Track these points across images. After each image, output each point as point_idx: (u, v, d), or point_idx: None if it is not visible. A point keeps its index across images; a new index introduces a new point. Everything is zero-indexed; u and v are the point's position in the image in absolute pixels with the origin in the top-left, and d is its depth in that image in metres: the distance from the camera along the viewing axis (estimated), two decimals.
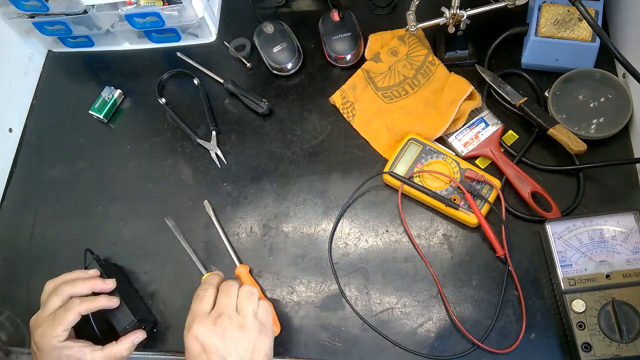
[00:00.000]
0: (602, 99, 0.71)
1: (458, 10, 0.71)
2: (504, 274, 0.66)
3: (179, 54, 0.89)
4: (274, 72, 0.84)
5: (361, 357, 0.66)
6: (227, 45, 0.88)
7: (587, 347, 0.59)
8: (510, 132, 0.75)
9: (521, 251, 0.68)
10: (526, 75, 0.77)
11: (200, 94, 0.85)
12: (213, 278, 0.63)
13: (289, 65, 0.83)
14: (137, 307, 0.69)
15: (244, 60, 0.86)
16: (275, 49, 0.83)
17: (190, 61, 0.88)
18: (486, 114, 0.75)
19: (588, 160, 0.70)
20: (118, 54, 0.93)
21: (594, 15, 0.70)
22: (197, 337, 0.55)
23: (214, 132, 0.82)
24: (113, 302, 0.65)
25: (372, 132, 0.78)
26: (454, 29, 0.74)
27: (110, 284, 0.67)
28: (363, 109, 0.79)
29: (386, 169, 0.73)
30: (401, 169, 0.72)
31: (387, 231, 0.72)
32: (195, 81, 0.86)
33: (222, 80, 0.84)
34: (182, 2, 0.80)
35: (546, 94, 0.73)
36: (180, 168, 0.81)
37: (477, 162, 0.74)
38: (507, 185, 0.71)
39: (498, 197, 0.69)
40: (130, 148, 0.84)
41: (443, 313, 0.66)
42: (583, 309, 0.60)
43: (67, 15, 0.83)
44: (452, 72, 0.76)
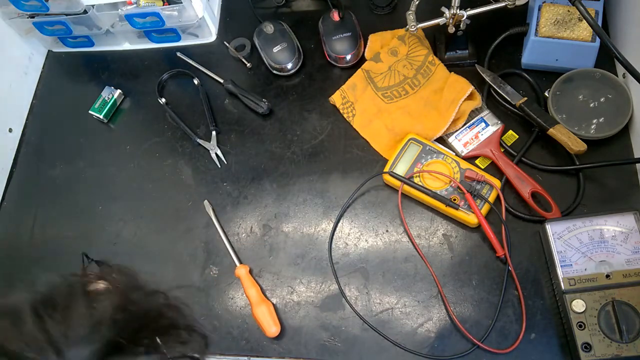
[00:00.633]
0: (602, 99, 0.71)
1: (458, 10, 0.71)
2: (504, 274, 0.66)
3: (179, 54, 0.89)
4: (274, 72, 0.84)
5: (361, 357, 0.66)
6: (227, 45, 0.88)
7: (587, 347, 0.59)
8: (510, 132, 0.75)
9: (521, 251, 0.68)
10: (526, 75, 0.77)
11: (200, 94, 0.85)
12: None
13: (289, 65, 0.83)
14: None
15: (244, 60, 0.86)
16: (275, 49, 0.83)
17: (190, 61, 0.88)
18: (486, 114, 0.75)
19: (588, 160, 0.70)
20: (118, 54, 0.93)
21: (594, 15, 0.70)
22: None
23: (214, 132, 0.82)
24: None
25: (372, 132, 0.78)
26: (454, 29, 0.74)
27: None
28: (363, 109, 0.79)
29: (386, 169, 0.73)
30: (401, 169, 0.72)
31: (387, 231, 0.72)
32: (195, 81, 0.86)
33: (222, 80, 0.84)
34: (182, 2, 0.80)
35: (546, 94, 0.73)
36: (180, 168, 0.81)
37: (477, 162, 0.74)
38: (507, 185, 0.71)
39: (498, 197, 0.69)
40: (130, 148, 0.84)
41: (443, 313, 0.66)
42: (583, 309, 0.60)
43: (67, 15, 0.83)
44: (452, 72, 0.76)
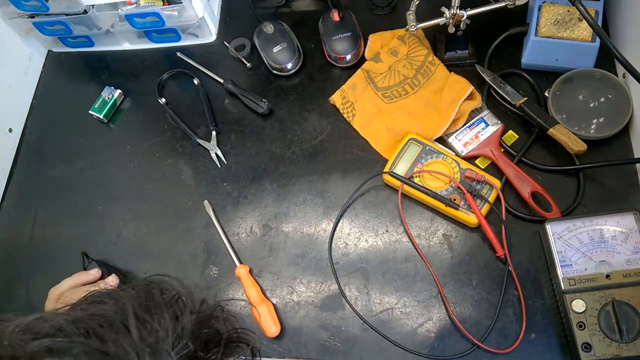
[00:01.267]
0: (602, 99, 0.71)
1: (458, 10, 0.71)
2: (504, 274, 0.66)
3: (179, 54, 0.89)
4: (274, 72, 0.84)
5: (361, 357, 0.66)
6: (227, 45, 0.88)
7: (587, 347, 0.59)
8: (510, 132, 0.75)
9: (521, 251, 0.68)
10: (526, 75, 0.77)
11: (200, 94, 0.84)
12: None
13: (289, 65, 0.83)
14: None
15: (244, 60, 0.86)
16: (275, 49, 0.83)
17: (190, 61, 0.88)
18: (486, 114, 0.75)
19: (588, 160, 0.70)
20: (118, 54, 0.93)
21: (594, 15, 0.70)
22: None
23: (214, 132, 0.82)
24: (112, 283, 0.67)
25: (372, 132, 0.78)
26: (454, 29, 0.74)
27: (114, 280, 0.68)
28: (363, 109, 0.79)
29: (386, 169, 0.73)
30: (401, 169, 0.72)
31: (387, 231, 0.72)
32: (195, 81, 0.86)
33: (222, 80, 0.84)
34: (182, 2, 0.80)
35: (546, 94, 0.73)
36: (180, 168, 0.81)
37: (477, 162, 0.74)
38: (507, 185, 0.71)
39: (498, 197, 0.69)
40: (130, 148, 0.84)
41: (443, 313, 0.66)
42: (583, 309, 0.60)
43: (67, 15, 0.83)
44: (452, 72, 0.76)
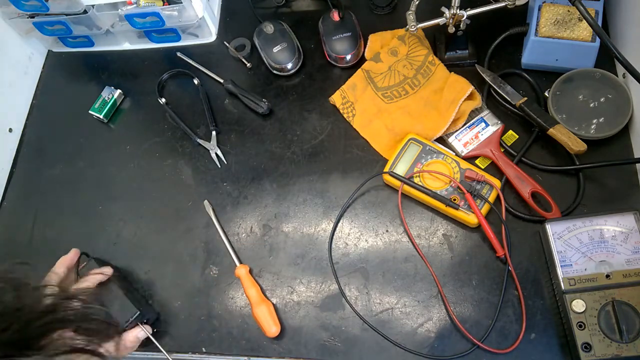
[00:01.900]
0: (602, 99, 0.71)
1: (458, 10, 0.71)
2: (504, 274, 0.66)
3: (179, 54, 0.89)
4: (274, 72, 0.84)
5: (361, 357, 0.66)
6: (227, 45, 0.88)
7: (587, 347, 0.59)
8: (510, 132, 0.75)
9: (521, 251, 0.68)
10: (526, 75, 0.77)
11: (200, 94, 0.84)
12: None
13: (289, 65, 0.83)
14: (138, 302, 0.69)
15: (244, 60, 0.86)
16: (275, 49, 0.83)
17: (190, 61, 0.88)
18: (486, 114, 0.75)
19: (588, 160, 0.70)
20: (118, 54, 0.93)
21: (594, 15, 0.70)
22: None
23: (214, 132, 0.82)
24: (106, 271, 0.68)
25: (372, 132, 0.78)
26: (454, 29, 0.74)
27: (109, 270, 0.68)
28: (363, 109, 0.79)
29: (386, 169, 0.73)
30: (401, 169, 0.72)
31: (387, 231, 0.72)
32: (195, 81, 0.86)
33: (222, 80, 0.84)
34: (182, 2, 0.80)
35: (546, 94, 0.73)
36: (180, 168, 0.81)
37: (477, 162, 0.74)
38: (507, 185, 0.71)
39: (498, 197, 0.69)
40: (130, 148, 0.84)
41: (443, 313, 0.66)
42: (583, 309, 0.60)
43: (67, 15, 0.83)
44: (452, 72, 0.76)
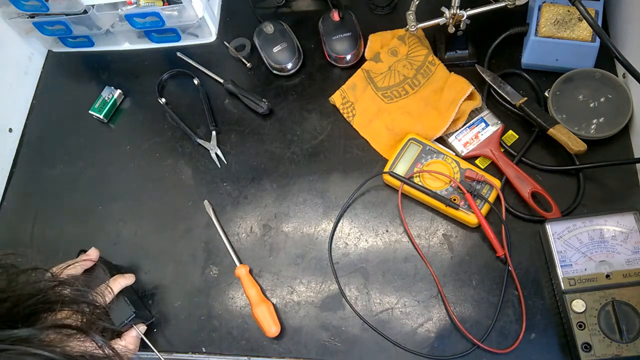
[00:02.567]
0: (602, 99, 0.71)
1: (458, 10, 0.71)
2: (504, 274, 0.66)
3: (179, 54, 0.89)
4: (274, 72, 0.84)
5: (361, 357, 0.66)
6: (227, 45, 0.88)
7: (587, 347, 0.59)
8: (510, 132, 0.75)
9: (521, 251, 0.68)
10: (526, 75, 0.77)
11: (200, 94, 0.84)
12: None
13: (289, 65, 0.83)
14: (135, 303, 0.69)
15: (244, 60, 0.86)
16: (275, 49, 0.83)
17: (190, 61, 0.88)
18: (486, 114, 0.75)
19: (588, 160, 0.70)
20: (118, 54, 0.93)
21: (594, 15, 0.70)
22: None
23: (214, 132, 0.82)
24: (128, 279, 0.68)
25: (372, 132, 0.78)
26: (454, 29, 0.74)
27: (94, 253, 0.69)
28: (363, 109, 0.79)
29: (386, 169, 0.73)
30: (401, 169, 0.72)
31: (387, 231, 0.72)
32: (195, 81, 0.86)
33: (222, 80, 0.84)
34: (182, 2, 0.80)
35: (546, 94, 0.73)
36: (180, 168, 0.81)
37: (477, 162, 0.74)
38: (507, 185, 0.71)
39: (498, 197, 0.69)
40: (130, 148, 0.84)
41: (443, 313, 0.66)
42: (583, 309, 0.60)
43: (67, 15, 0.83)
44: (452, 72, 0.76)
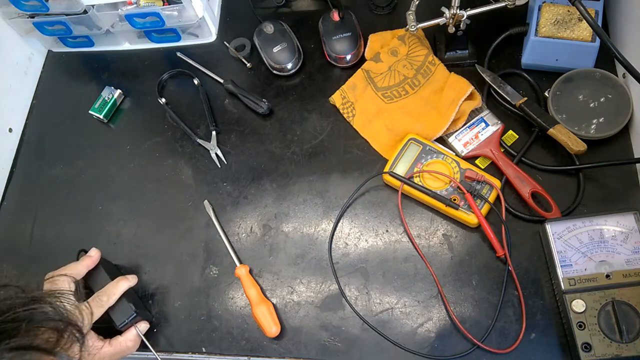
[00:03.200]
0: (602, 99, 0.71)
1: (458, 10, 0.71)
2: (504, 274, 0.66)
3: (179, 54, 0.89)
4: (274, 72, 0.84)
5: (361, 357, 0.66)
6: (227, 45, 0.88)
7: (587, 347, 0.59)
8: (510, 132, 0.75)
9: (521, 251, 0.68)
10: (526, 75, 0.77)
11: (200, 94, 0.84)
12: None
13: (289, 65, 0.83)
14: (135, 303, 0.69)
15: (244, 60, 0.86)
16: (275, 49, 0.83)
17: (190, 61, 0.88)
18: (486, 114, 0.75)
19: (588, 160, 0.70)
20: (118, 54, 0.93)
21: (594, 15, 0.70)
22: None
23: (214, 132, 0.82)
24: (131, 280, 0.68)
25: (372, 132, 0.78)
26: (454, 29, 0.74)
27: (95, 253, 0.69)
28: (363, 109, 0.79)
29: (386, 169, 0.73)
30: (401, 169, 0.72)
31: (387, 231, 0.72)
32: (195, 81, 0.86)
33: (222, 80, 0.84)
34: (182, 2, 0.80)
35: (546, 94, 0.73)
36: (180, 168, 0.81)
37: (477, 162, 0.74)
38: (507, 185, 0.71)
39: (498, 197, 0.69)
40: (130, 148, 0.84)
41: (443, 313, 0.66)
42: (583, 309, 0.60)
43: (67, 15, 0.83)
44: (452, 72, 0.76)
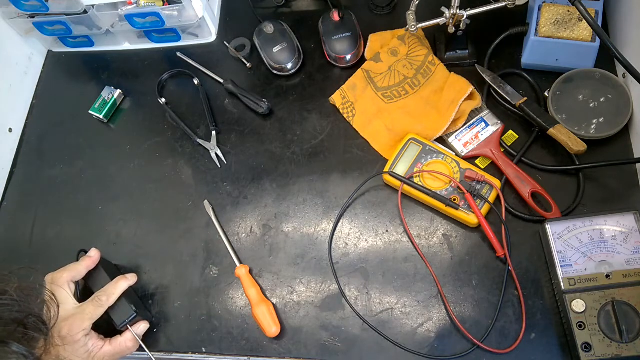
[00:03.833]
0: (602, 99, 0.71)
1: (458, 10, 0.71)
2: (504, 274, 0.66)
3: (179, 54, 0.89)
4: (274, 72, 0.84)
5: (361, 357, 0.66)
6: (227, 45, 0.88)
7: (587, 347, 0.59)
8: (510, 132, 0.75)
9: (521, 251, 0.68)
10: (526, 75, 0.77)
11: (200, 94, 0.85)
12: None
13: (289, 65, 0.83)
14: (135, 303, 0.69)
15: (244, 60, 0.86)
16: (275, 49, 0.83)
17: (190, 61, 0.88)
18: (486, 114, 0.75)
19: (588, 160, 0.70)
20: (118, 54, 0.93)
21: (594, 15, 0.70)
22: None
23: (214, 132, 0.82)
24: (130, 279, 0.68)
25: (372, 132, 0.78)
26: (454, 29, 0.74)
27: (95, 253, 0.69)
28: (363, 109, 0.79)
29: (386, 169, 0.73)
30: (401, 169, 0.72)
31: (387, 231, 0.72)
32: (195, 81, 0.86)
33: (222, 80, 0.84)
34: (182, 2, 0.80)
35: (546, 94, 0.73)
36: (180, 168, 0.81)
37: (477, 162, 0.74)
38: (507, 185, 0.71)
39: (498, 197, 0.69)
40: (130, 148, 0.84)
41: (443, 313, 0.66)
42: (583, 309, 0.60)
43: (67, 15, 0.83)
44: (452, 72, 0.76)
